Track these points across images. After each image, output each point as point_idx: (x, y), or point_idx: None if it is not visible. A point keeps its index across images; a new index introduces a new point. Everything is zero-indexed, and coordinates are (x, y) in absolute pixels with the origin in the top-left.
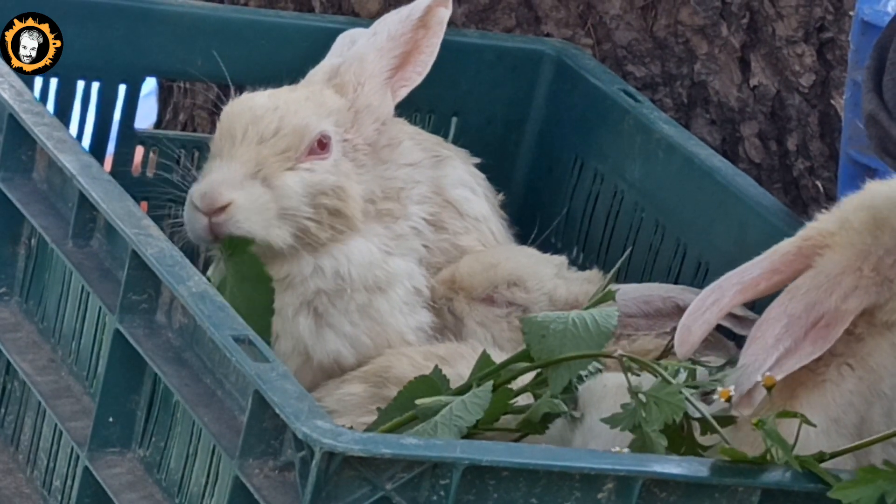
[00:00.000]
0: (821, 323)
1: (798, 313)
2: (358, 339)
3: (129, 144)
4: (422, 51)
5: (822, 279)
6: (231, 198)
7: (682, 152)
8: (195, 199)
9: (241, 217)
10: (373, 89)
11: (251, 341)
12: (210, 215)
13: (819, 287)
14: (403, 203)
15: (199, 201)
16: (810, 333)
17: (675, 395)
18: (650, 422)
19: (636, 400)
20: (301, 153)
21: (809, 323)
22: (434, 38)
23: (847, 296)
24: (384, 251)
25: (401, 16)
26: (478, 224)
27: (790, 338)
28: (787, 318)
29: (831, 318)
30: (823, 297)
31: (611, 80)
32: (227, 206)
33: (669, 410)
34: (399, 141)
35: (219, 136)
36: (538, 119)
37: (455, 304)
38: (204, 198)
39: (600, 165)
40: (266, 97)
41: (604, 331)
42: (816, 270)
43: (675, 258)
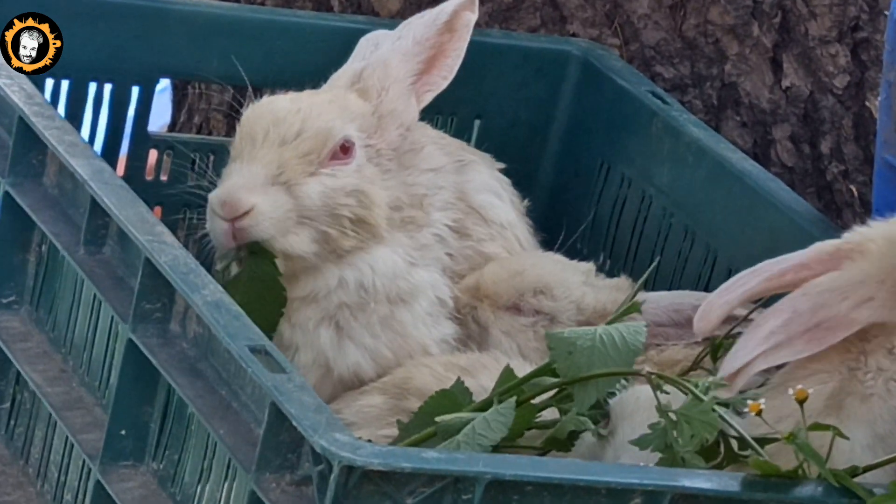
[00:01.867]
0: (823, 325)
1: (803, 310)
2: (379, 352)
3: (143, 148)
4: (447, 55)
5: (842, 282)
6: (252, 202)
7: (712, 156)
8: (215, 205)
9: (265, 223)
10: (397, 94)
11: (268, 352)
12: (232, 220)
13: (834, 290)
14: (426, 210)
15: (220, 209)
16: (809, 332)
17: (706, 412)
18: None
19: (666, 419)
20: (324, 157)
21: (812, 322)
22: (460, 43)
23: (859, 305)
24: (408, 262)
25: (426, 20)
26: (503, 230)
27: (784, 333)
28: (791, 312)
29: (836, 323)
30: (834, 301)
31: (638, 81)
32: (248, 211)
33: (702, 429)
34: (421, 145)
35: (239, 139)
36: (563, 122)
37: (479, 313)
38: (224, 206)
39: (628, 170)
40: (288, 100)
41: (632, 348)
42: (840, 273)
43: (704, 265)
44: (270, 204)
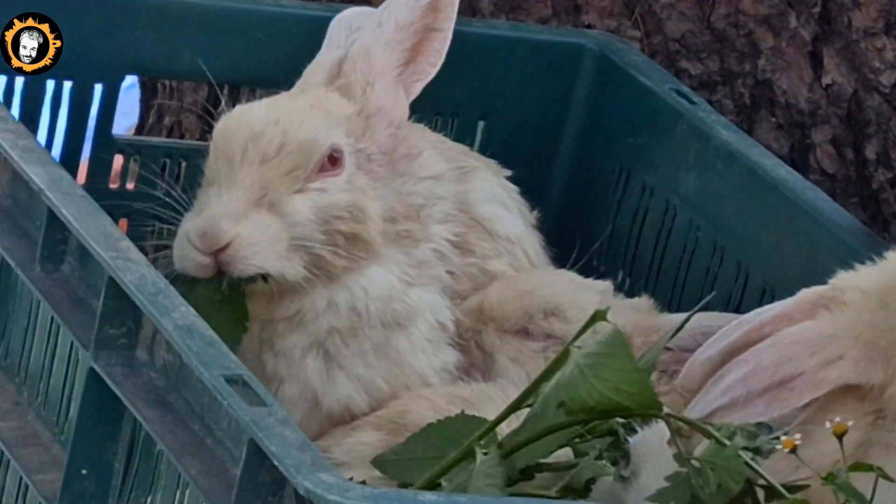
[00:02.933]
0: (787, 384)
1: (767, 364)
2: (373, 383)
3: (107, 153)
4: (433, 38)
5: (812, 335)
6: (234, 233)
7: (744, 162)
8: (193, 238)
9: (249, 253)
10: (384, 89)
11: (245, 382)
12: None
13: (803, 342)
14: (424, 222)
15: (199, 241)
16: (770, 392)
17: (732, 459)
18: (707, 493)
19: (688, 467)
20: (310, 171)
21: (775, 379)
22: (446, 23)
23: (828, 363)
24: (404, 281)
25: (408, 1)
26: (510, 245)
27: (743, 388)
28: (753, 364)
29: (801, 383)
30: (802, 356)
31: (662, 78)
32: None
33: (728, 478)
34: (419, 150)
35: (214, 159)
36: (578, 123)
37: (484, 338)
38: (204, 238)
39: (649, 177)
40: (264, 109)
41: None
42: (813, 324)
43: (735, 284)
44: (255, 230)
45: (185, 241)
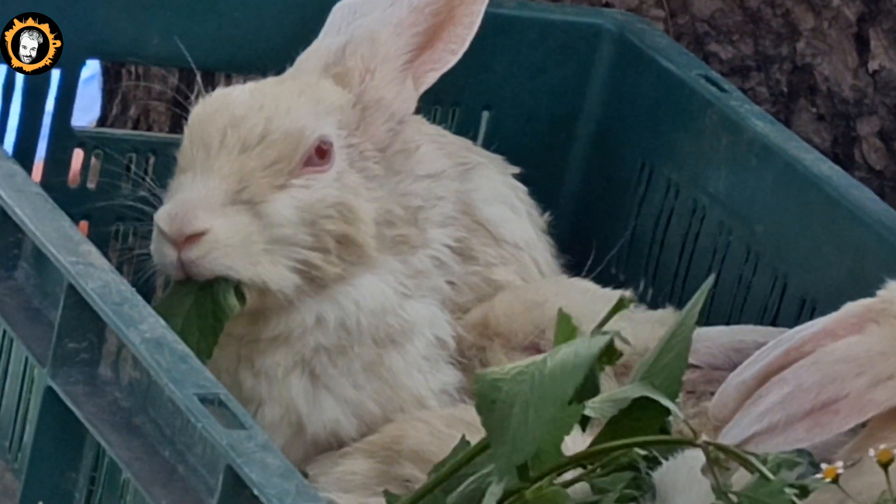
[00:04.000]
0: (831, 406)
1: (809, 385)
2: (363, 406)
3: (66, 147)
4: (459, 22)
5: (859, 352)
6: (208, 225)
7: (782, 157)
8: (161, 222)
9: (220, 253)
10: (386, 78)
11: (222, 402)
12: (180, 246)
13: (849, 361)
14: (422, 226)
15: (167, 225)
16: (812, 415)
17: (777, 494)
18: None
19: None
20: (295, 165)
21: (818, 402)
22: (477, 5)
23: (877, 383)
24: (400, 293)
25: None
26: (517, 252)
27: (783, 412)
28: (794, 385)
29: (846, 405)
30: (848, 376)
31: (688, 63)
32: (201, 234)
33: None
34: (416, 145)
35: (188, 145)
36: (594, 114)
37: (489, 356)
38: (173, 221)
39: (675, 174)
40: (247, 93)
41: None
42: (859, 339)
43: (772, 294)
44: (229, 229)
45: (155, 231)
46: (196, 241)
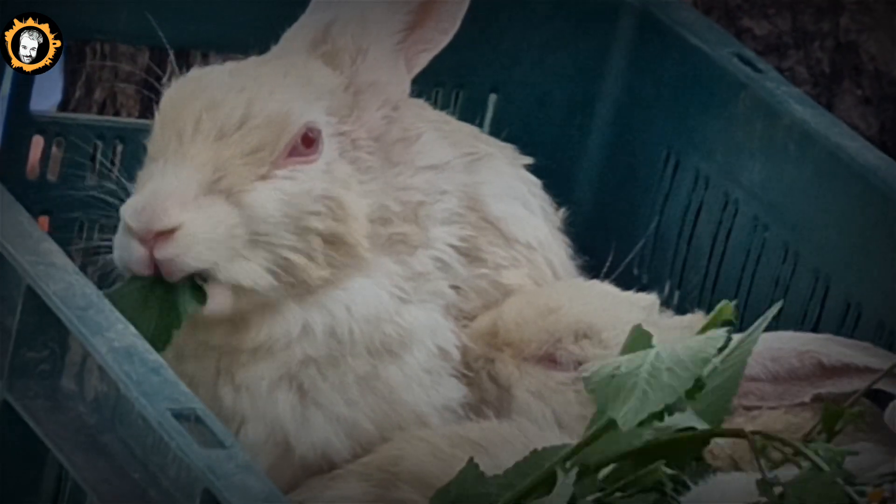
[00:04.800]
0: None
1: None
2: (357, 424)
3: (23, 134)
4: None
5: None
6: (181, 219)
7: (823, 144)
8: (128, 217)
9: (196, 249)
10: (379, 59)
11: (199, 418)
12: (151, 243)
13: None
14: (423, 224)
15: (135, 220)
16: None
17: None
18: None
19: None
20: (279, 154)
21: None
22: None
23: None
24: (397, 298)
25: None
26: (530, 253)
27: None
28: None
29: None
30: None
31: (719, 40)
32: (174, 230)
33: None
34: (417, 133)
35: (160, 130)
36: (614, 98)
37: (498, 367)
38: (141, 215)
39: (704, 164)
40: (226, 73)
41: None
42: None
43: (813, 296)
44: (205, 221)
45: (121, 224)
46: (167, 238)
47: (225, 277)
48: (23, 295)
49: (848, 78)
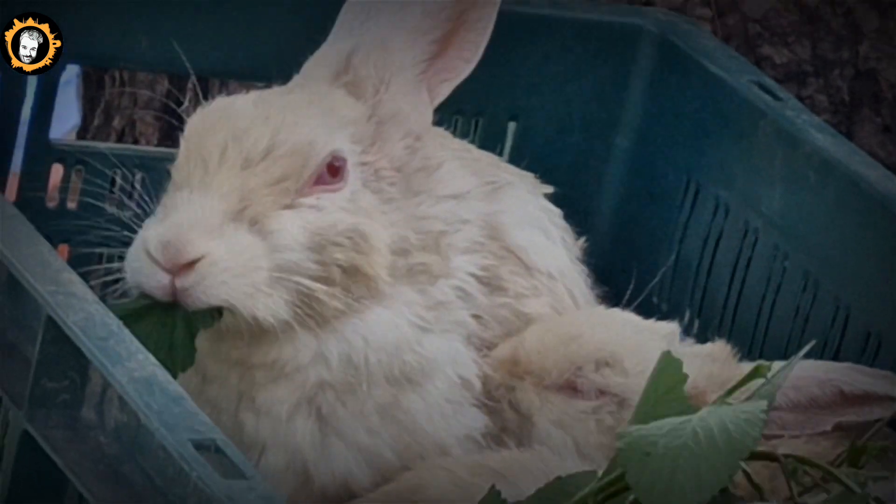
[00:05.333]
0: None
1: None
2: (378, 454)
3: (43, 161)
4: (470, 27)
5: None
6: (205, 250)
7: (843, 173)
8: (152, 248)
9: (218, 280)
10: (402, 89)
11: (219, 448)
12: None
13: None
14: (444, 253)
15: (160, 252)
16: None
17: None
18: None
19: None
20: (304, 183)
21: None
22: (488, 9)
23: None
24: (418, 327)
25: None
26: (551, 282)
27: None
28: None
29: None
30: None
31: (739, 68)
32: (198, 260)
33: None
34: (438, 162)
35: (184, 160)
36: (633, 125)
37: (519, 396)
38: (167, 248)
39: (724, 192)
40: (251, 103)
41: (742, 446)
42: None
43: (833, 325)
44: (228, 251)
45: (141, 253)
46: (191, 270)
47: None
48: (43, 325)
49: (867, 106)
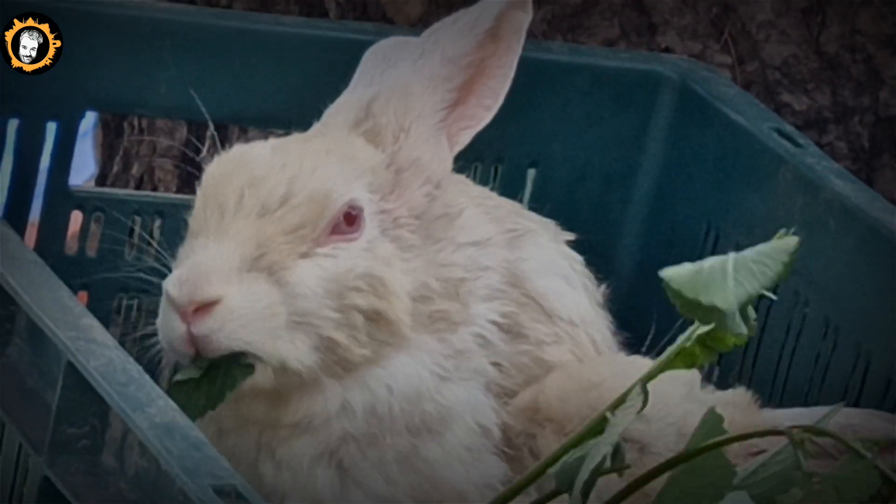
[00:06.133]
0: None
1: None
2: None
3: (62, 209)
4: (491, 74)
5: None
6: (221, 293)
7: (863, 219)
8: (170, 287)
9: (237, 324)
10: (422, 136)
11: (240, 494)
12: (190, 318)
13: None
14: (465, 301)
15: (177, 289)
16: None
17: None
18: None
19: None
20: (321, 231)
21: None
22: (509, 56)
23: None
24: (438, 375)
25: (460, 27)
26: (572, 329)
27: None
28: None
29: None
30: None
31: (759, 115)
32: (214, 303)
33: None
34: (458, 209)
35: (202, 206)
36: (653, 172)
37: (540, 443)
38: (184, 285)
39: (744, 239)
40: (268, 150)
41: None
42: None
43: (853, 373)
44: (245, 296)
45: (163, 300)
46: (207, 312)
47: (267, 358)
48: (63, 370)
49: (888, 152)
